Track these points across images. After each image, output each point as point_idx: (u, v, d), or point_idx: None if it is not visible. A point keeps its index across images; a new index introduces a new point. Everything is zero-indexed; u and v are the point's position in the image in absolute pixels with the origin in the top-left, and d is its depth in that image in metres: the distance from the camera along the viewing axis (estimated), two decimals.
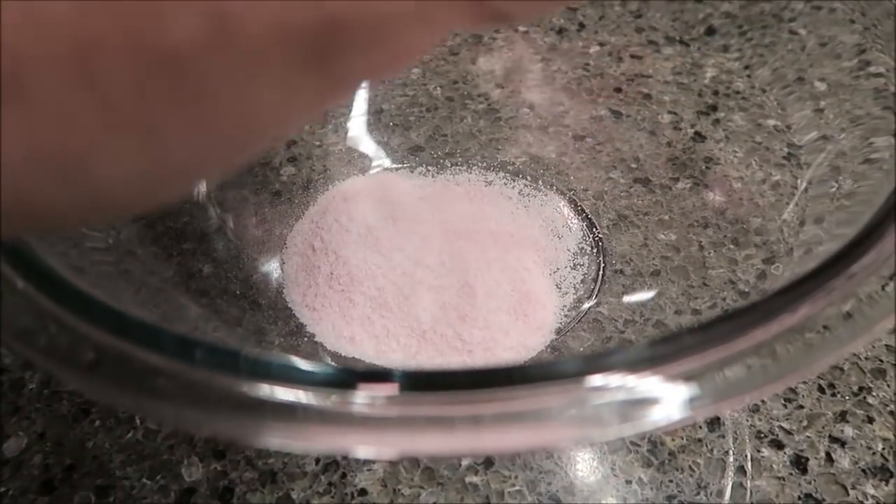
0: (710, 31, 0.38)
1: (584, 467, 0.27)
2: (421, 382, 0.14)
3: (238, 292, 0.30)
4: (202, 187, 0.31)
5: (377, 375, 0.15)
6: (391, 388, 0.14)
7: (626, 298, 0.29)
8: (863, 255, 0.17)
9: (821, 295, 0.16)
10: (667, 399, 0.14)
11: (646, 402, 0.14)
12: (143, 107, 0.08)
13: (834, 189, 0.26)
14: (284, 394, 0.14)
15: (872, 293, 0.16)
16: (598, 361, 0.14)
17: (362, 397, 0.14)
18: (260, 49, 0.08)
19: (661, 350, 0.15)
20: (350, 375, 0.15)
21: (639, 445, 0.27)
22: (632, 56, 0.39)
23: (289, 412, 0.14)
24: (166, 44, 0.07)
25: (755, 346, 0.15)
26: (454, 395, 0.14)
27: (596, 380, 0.14)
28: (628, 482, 0.26)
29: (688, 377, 0.14)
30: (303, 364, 0.15)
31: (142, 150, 0.09)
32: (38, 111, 0.08)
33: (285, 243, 0.32)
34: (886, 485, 0.26)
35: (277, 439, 0.14)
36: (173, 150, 0.09)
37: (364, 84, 0.38)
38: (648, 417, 0.14)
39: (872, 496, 0.26)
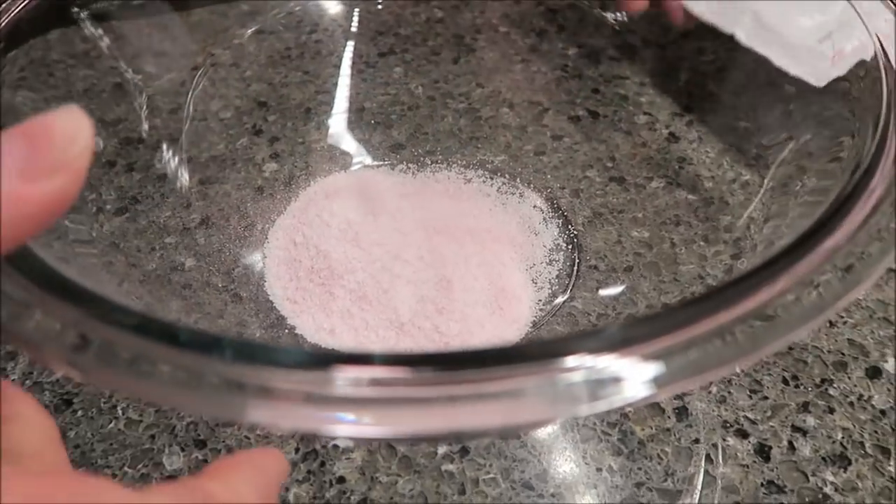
0: (685, 34, 0.39)
1: (557, 456, 0.27)
2: (399, 364, 0.15)
3: (220, 285, 0.30)
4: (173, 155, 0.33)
5: (357, 358, 0.15)
6: (370, 370, 0.15)
7: (600, 293, 0.30)
8: (815, 246, 0.18)
9: (775, 282, 0.17)
10: (633, 378, 0.15)
11: (614, 381, 0.15)
12: None
13: (799, 187, 0.27)
14: (268, 376, 0.15)
15: (823, 281, 0.17)
16: (569, 344, 0.15)
17: (342, 378, 0.15)
18: None
19: (630, 333, 0.15)
20: (330, 357, 0.15)
21: (609, 434, 0.28)
22: (609, 58, 0.40)
23: (271, 393, 0.15)
24: None
25: (716, 328, 0.16)
26: (431, 376, 0.15)
27: (567, 361, 0.15)
28: (599, 470, 0.27)
29: (653, 357, 0.15)
30: (285, 347, 0.15)
31: None
32: None
33: (267, 238, 0.32)
34: (845, 472, 0.27)
35: (260, 418, 0.15)
36: None
37: (346, 81, 0.39)
38: (616, 395, 0.14)
39: (831, 482, 0.27)
